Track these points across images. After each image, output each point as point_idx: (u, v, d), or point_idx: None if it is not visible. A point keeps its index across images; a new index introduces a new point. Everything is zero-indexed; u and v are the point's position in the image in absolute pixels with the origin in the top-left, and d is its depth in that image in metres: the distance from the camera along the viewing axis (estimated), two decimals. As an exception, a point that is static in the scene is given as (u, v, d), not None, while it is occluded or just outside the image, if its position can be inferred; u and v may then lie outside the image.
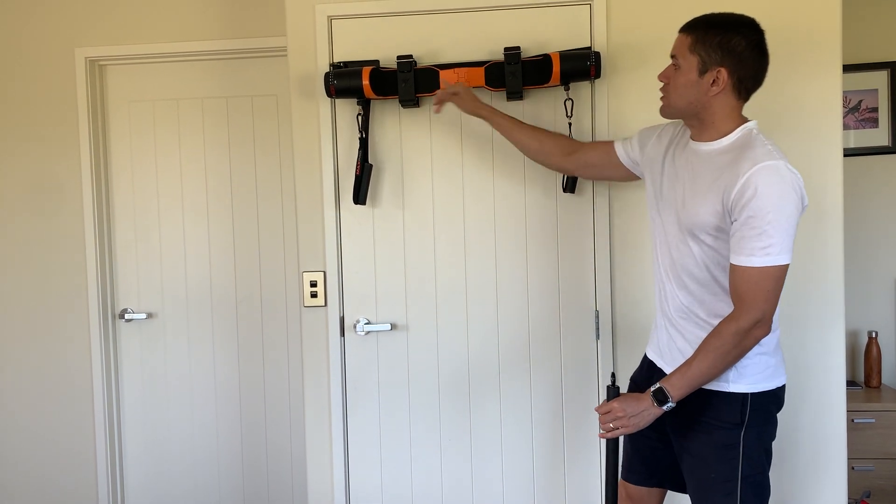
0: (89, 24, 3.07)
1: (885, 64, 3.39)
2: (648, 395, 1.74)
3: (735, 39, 1.72)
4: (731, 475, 1.76)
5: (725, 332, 1.68)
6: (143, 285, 3.19)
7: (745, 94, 1.77)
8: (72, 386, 3.16)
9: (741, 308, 1.67)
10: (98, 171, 3.12)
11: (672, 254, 1.85)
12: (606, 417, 1.78)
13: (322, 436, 2.54)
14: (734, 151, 1.72)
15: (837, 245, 2.32)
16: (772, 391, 1.80)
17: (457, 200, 2.47)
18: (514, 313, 2.47)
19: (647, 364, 2.02)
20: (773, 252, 1.63)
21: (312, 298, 2.51)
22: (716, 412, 1.77)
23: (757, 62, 1.75)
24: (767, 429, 1.82)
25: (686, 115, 1.83)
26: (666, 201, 1.88)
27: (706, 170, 1.76)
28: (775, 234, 1.62)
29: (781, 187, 1.63)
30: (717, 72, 1.73)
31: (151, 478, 3.23)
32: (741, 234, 1.65)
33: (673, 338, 1.89)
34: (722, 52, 1.72)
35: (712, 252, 1.76)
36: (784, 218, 1.63)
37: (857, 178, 3.41)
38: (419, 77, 2.34)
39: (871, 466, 3.13)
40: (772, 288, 1.66)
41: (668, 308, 1.90)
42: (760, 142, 1.70)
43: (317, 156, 2.48)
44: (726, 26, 1.74)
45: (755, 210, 1.62)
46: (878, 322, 3.45)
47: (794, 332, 2.33)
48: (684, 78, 1.77)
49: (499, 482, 2.50)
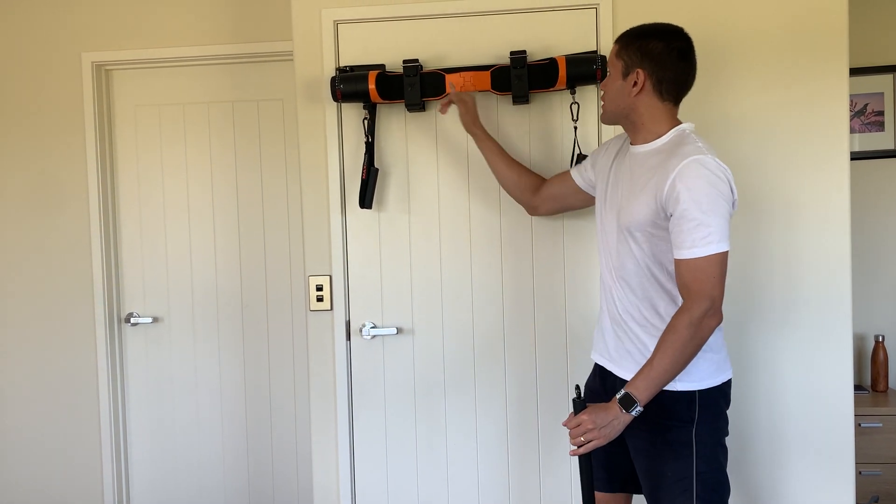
0: (96, 28, 3.08)
1: (891, 67, 3.38)
2: (615, 403, 1.74)
3: (653, 44, 1.80)
4: (685, 473, 1.78)
5: (679, 325, 1.69)
6: (149, 289, 3.19)
7: (669, 95, 1.83)
8: (77, 390, 3.17)
9: (690, 299, 1.70)
10: (104, 176, 3.13)
11: (614, 256, 1.89)
12: (577, 431, 1.77)
13: (328, 440, 2.54)
14: (666, 151, 1.78)
15: (844, 249, 2.32)
16: (718, 387, 1.82)
17: (462, 204, 2.47)
18: (520, 317, 2.47)
19: (598, 370, 2.03)
20: (714, 240, 1.67)
21: (318, 302, 2.51)
22: (666, 411, 1.79)
23: (676, 66, 1.81)
24: (718, 424, 1.85)
25: (620, 120, 1.91)
26: (608, 205, 1.93)
27: (641, 170, 1.82)
28: (712, 223, 1.66)
29: (710, 178, 1.68)
30: (636, 73, 1.81)
31: (157, 482, 3.23)
32: (679, 227, 1.69)
33: (621, 340, 1.90)
34: (640, 55, 1.81)
35: (650, 250, 1.80)
36: (717, 206, 1.68)
37: (863, 181, 3.40)
38: (425, 81, 2.35)
39: (879, 471, 3.11)
40: (717, 274, 1.69)
41: (615, 310, 1.92)
42: (691, 140, 1.77)
43: (323, 160, 2.49)
44: (646, 33, 1.83)
45: (688, 202, 1.67)
46: (884, 326, 3.43)
47: (802, 336, 2.33)
48: (612, 83, 1.88)
49: (504, 483, 2.50)
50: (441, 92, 2.35)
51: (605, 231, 1.94)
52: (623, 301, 1.88)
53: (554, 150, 2.42)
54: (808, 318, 2.33)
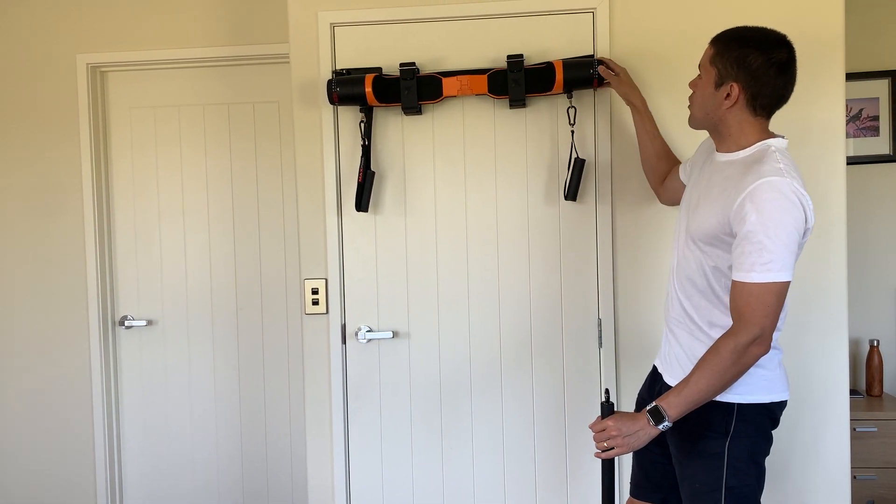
0: (91, 30, 3.07)
1: (887, 73, 3.40)
2: (644, 415, 1.70)
3: (752, 56, 1.70)
4: (715, 485, 1.74)
5: (724, 348, 1.64)
6: (144, 292, 3.18)
7: (762, 110, 1.75)
8: (71, 393, 3.15)
9: (740, 324, 1.64)
10: (99, 178, 3.11)
11: (679, 258, 1.87)
12: (601, 436, 1.75)
13: (323, 443, 2.53)
14: (746, 165, 1.71)
15: (840, 254, 2.32)
16: (764, 405, 1.76)
17: (459, 208, 2.46)
18: (516, 321, 2.47)
19: (651, 375, 2.02)
20: (774, 268, 1.60)
21: (314, 306, 2.50)
22: (703, 421, 1.75)
23: (774, 80, 1.71)
24: (757, 442, 1.78)
25: (706, 126, 1.84)
26: (683, 208, 1.90)
27: (718, 180, 1.76)
28: (776, 250, 1.59)
29: (782, 203, 1.60)
30: (729, 87, 1.72)
31: (151, 485, 3.22)
32: (741, 248, 1.63)
33: (671, 345, 1.89)
34: (737, 67, 1.71)
35: (711, 260, 1.76)
36: (785, 234, 1.60)
37: (858, 186, 3.41)
38: (422, 84, 2.34)
39: (874, 475, 3.12)
40: (772, 304, 1.62)
41: (669, 314, 1.91)
42: (774, 159, 1.67)
43: (319, 163, 2.48)
44: (747, 42, 1.72)
45: (755, 225, 1.60)
46: (879, 331, 3.44)
47: (798, 341, 2.33)
48: (703, 89, 1.80)
49: (500, 490, 2.49)
50: (438, 95, 2.34)
51: (678, 232, 1.91)
52: (679, 305, 1.85)
53: (551, 155, 2.42)
54: (804, 322, 2.33)
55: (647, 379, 2.04)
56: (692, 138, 2.10)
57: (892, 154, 3.41)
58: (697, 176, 1.90)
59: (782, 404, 1.81)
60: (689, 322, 1.82)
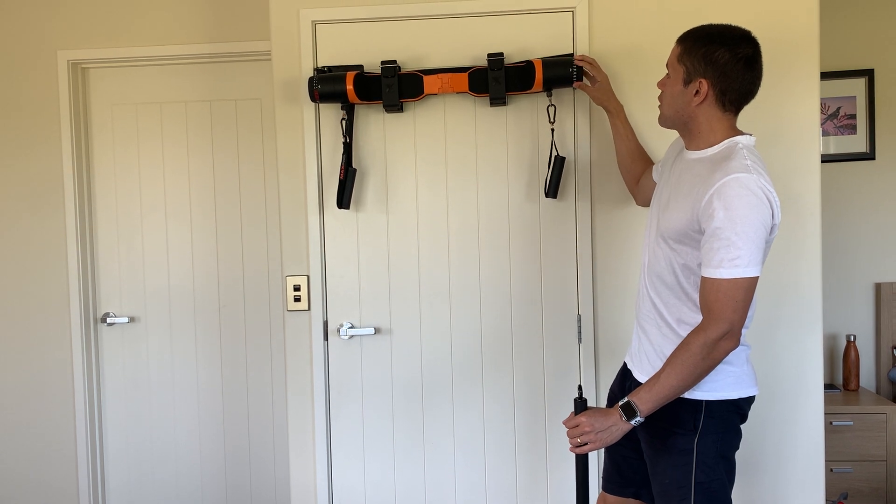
0: (72, 26, 3.06)
1: (863, 71, 3.44)
2: (617, 410, 1.73)
3: (719, 52, 1.72)
4: (684, 481, 1.76)
5: (693, 344, 1.66)
6: (126, 289, 3.17)
7: (731, 105, 1.77)
8: (53, 391, 3.14)
9: (709, 319, 1.65)
10: (80, 175, 3.10)
11: (649, 256, 1.89)
12: (574, 432, 1.77)
13: (305, 439, 2.54)
14: (713, 163, 1.72)
15: (815, 250, 2.36)
16: (732, 401, 1.78)
17: (440, 205, 2.48)
18: (497, 317, 2.49)
19: (622, 371, 2.04)
20: (741, 264, 1.62)
21: (296, 302, 2.51)
22: (672, 418, 1.77)
23: (742, 75, 1.73)
24: (726, 438, 1.80)
25: (676, 125, 1.86)
26: (655, 203, 1.93)
27: (688, 178, 1.78)
28: (743, 246, 1.61)
29: (749, 199, 1.62)
30: (698, 83, 1.74)
31: (133, 481, 3.22)
32: (709, 245, 1.65)
33: (641, 341, 1.91)
34: (705, 63, 1.73)
35: (680, 258, 1.77)
36: (752, 230, 1.62)
37: (836, 183, 3.46)
38: (403, 82, 2.36)
39: (850, 468, 3.17)
40: (740, 299, 1.64)
41: (640, 310, 1.93)
42: (741, 155, 1.69)
43: (301, 160, 2.49)
44: (713, 38, 1.74)
45: (722, 221, 1.62)
46: (856, 326, 3.49)
47: (773, 336, 2.36)
48: (671, 88, 1.81)
49: (481, 485, 2.51)
50: (419, 93, 2.36)
51: (648, 230, 1.93)
52: (650, 302, 1.87)
53: (531, 152, 2.44)
54: (780, 317, 2.36)
55: (618, 375, 2.06)
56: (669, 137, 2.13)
57: (869, 152, 3.46)
58: (668, 174, 1.92)
59: (750, 399, 1.83)
60: (659, 319, 1.85)
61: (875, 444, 3.16)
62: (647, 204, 2.24)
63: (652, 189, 2.13)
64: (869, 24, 3.45)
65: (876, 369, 3.49)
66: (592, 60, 2.28)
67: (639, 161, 2.25)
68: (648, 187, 2.17)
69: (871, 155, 3.47)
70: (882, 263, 3.48)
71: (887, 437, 3.15)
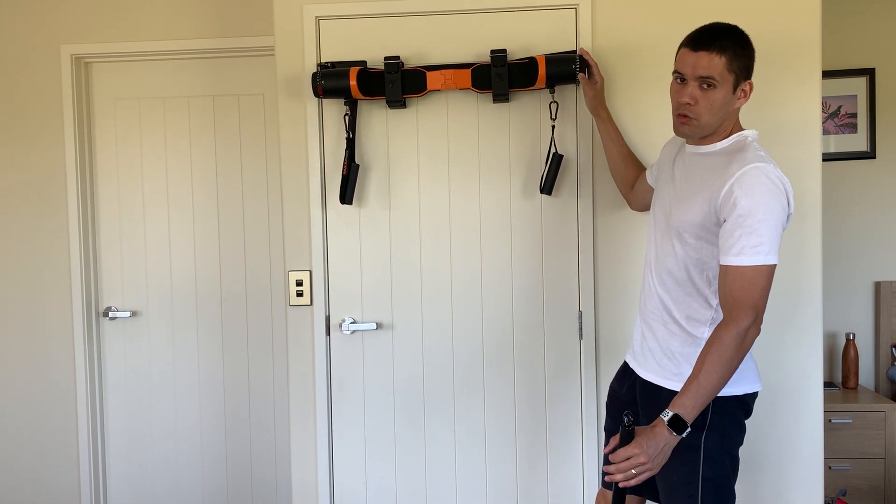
0: (75, 20, 3.06)
1: (864, 70, 3.45)
2: (663, 428, 1.65)
3: (751, 50, 1.78)
4: (691, 477, 1.76)
5: (725, 337, 1.64)
6: (128, 283, 3.18)
7: None
8: (55, 385, 3.15)
9: (737, 309, 1.65)
10: (83, 170, 3.11)
11: (657, 252, 1.89)
12: (626, 465, 1.65)
13: (307, 434, 2.55)
14: (727, 155, 1.75)
15: (816, 248, 2.36)
16: (738, 396, 1.79)
17: (443, 201, 2.49)
18: (498, 313, 2.49)
19: (622, 369, 2.04)
20: (763, 251, 1.63)
21: (298, 297, 2.52)
22: None
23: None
24: (732, 433, 1.81)
25: (708, 132, 1.84)
26: (659, 204, 1.93)
27: (698, 171, 1.80)
28: (765, 233, 1.63)
29: (770, 188, 1.65)
30: (746, 85, 1.78)
31: (134, 476, 3.23)
32: (731, 233, 1.65)
33: (646, 338, 1.91)
34: (748, 67, 1.78)
35: (695, 253, 1.78)
36: (773, 217, 1.64)
37: (837, 182, 3.47)
38: (406, 78, 2.36)
39: (848, 466, 3.18)
40: (763, 286, 1.65)
41: (645, 307, 1.93)
42: (754, 147, 1.74)
43: (303, 155, 2.49)
44: (744, 40, 1.78)
45: (745, 209, 1.63)
46: (856, 324, 3.50)
47: (773, 334, 2.36)
48: (718, 97, 1.75)
49: (482, 481, 2.53)
50: (422, 89, 2.37)
51: (653, 228, 1.93)
52: (657, 299, 1.87)
53: (533, 149, 2.45)
54: (780, 315, 2.37)
55: (619, 372, 2.07)
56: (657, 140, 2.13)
57: (869, 150, 3.47)
58: (669, 173, 1.93)
59: (755, 395, 1.84)
60: (667, 315, 1.85)
61: (873, 442, 3.17)
62: (643, 209, 2.27)
63: (647, 193, 2.15)
64: (870, 24, 3.45)
65: (875, 367, 3.50)
66: (594, 63, 2.29)
67: (632, 166, 2.27)
68: (644, 192, 2.19)
69: (871, 154, 3.47)
70: (882, 262, 3.49)
71: (886, 435, 3.17)
